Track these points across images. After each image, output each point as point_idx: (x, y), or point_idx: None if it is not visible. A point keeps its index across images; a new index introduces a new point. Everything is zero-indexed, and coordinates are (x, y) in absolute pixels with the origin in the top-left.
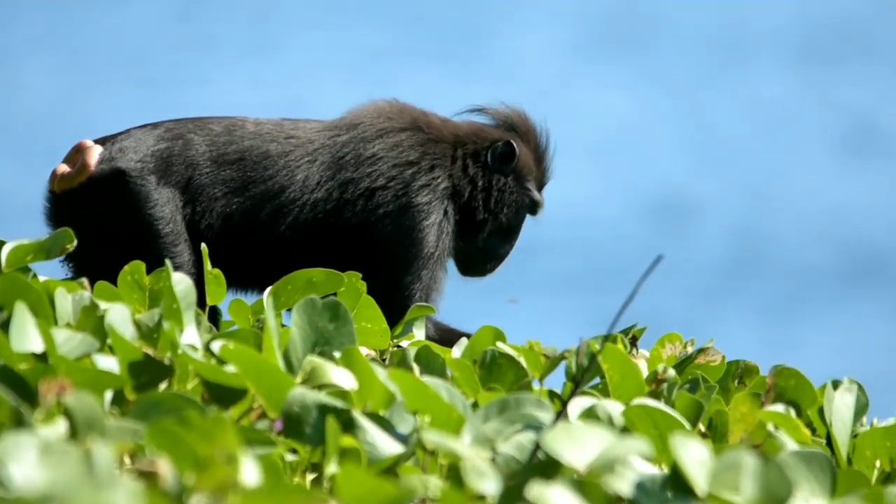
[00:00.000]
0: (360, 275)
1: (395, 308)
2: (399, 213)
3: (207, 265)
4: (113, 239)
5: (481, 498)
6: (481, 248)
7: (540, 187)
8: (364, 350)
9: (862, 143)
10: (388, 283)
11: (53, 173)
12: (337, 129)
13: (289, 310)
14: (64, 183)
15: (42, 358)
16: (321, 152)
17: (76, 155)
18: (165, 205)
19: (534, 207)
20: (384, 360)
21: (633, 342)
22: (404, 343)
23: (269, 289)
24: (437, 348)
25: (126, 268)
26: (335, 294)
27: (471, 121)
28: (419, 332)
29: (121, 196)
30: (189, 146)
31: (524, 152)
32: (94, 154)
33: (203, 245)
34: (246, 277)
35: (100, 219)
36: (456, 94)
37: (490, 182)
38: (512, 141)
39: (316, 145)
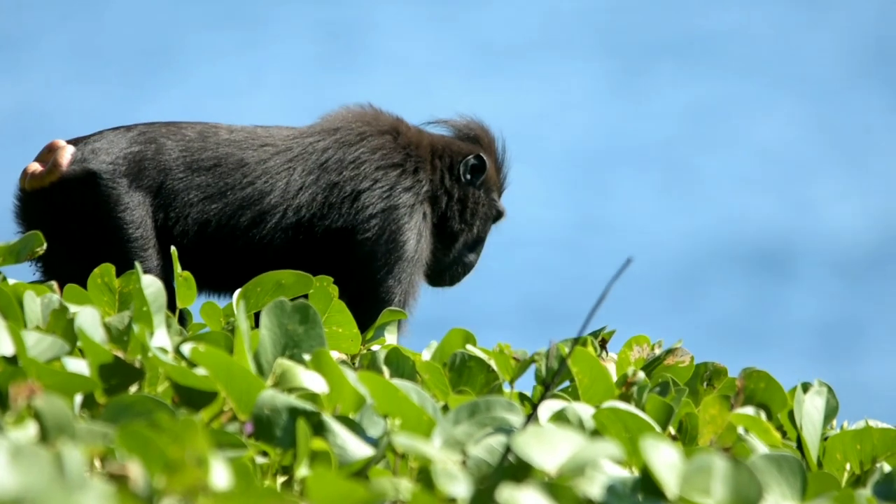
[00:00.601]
0: (332, 279)
1: (376, 310)
2: (384, 215)
3: (177, 268)
4: (82, 240)
5: (452, 501)
6: (453, 259)
7: (499, 196)
8: (335, 353)
9: None
10: (368, 285)
11: (24, 171)
12: (315, 136)
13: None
14: (35, 182)
15: (12, 361)
16: (300, 159)
17: (48, 154)
18: (136, 208)
19: (498, 217)
20: (354, 364)
21: (603, 345)
22: (375, 347)
23: (238, 291)
24: (407, 351)
25: (96, 270)
26: (306, 296)
27: (435, 132)
28: (391, 337)
29: (91, 198)
30: (162, 150)
31: (489, 164)
32: (66, 154)
33: (173, 248)
34: (221, 282)
35: (69, 219)
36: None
37: (466, 194)
38: (482, 154)
39: (294, 152)
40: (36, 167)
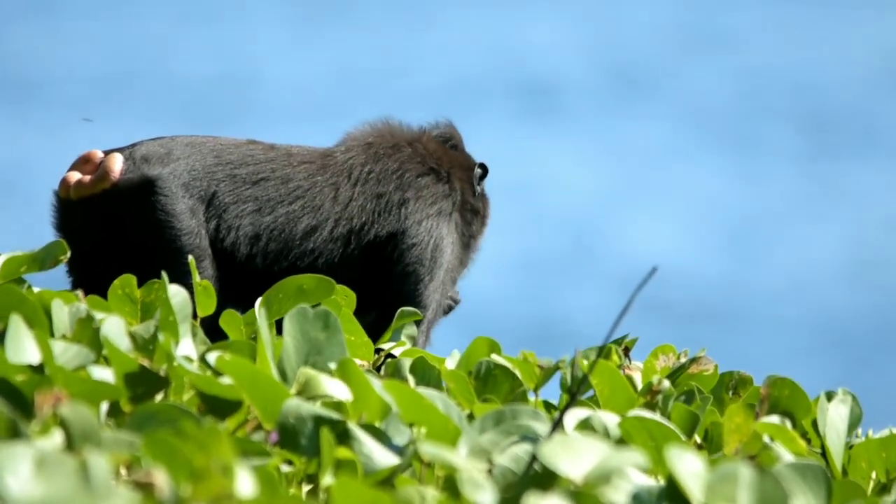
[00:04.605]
0: (344, 287)
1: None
2: (429, 222)
3: (196, 276)
4: (132, 248)
5: None
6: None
7: None
8: (358, 361)
9: None
10: (412, 290)
11: (64, 181)
12: (350, 152)
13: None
14: (83, 190)
15: (38, 369)
16: (344, 174)
17: (86, 164)
18: (191, 218)
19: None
20: (378, 371)
21: (626, 353)
22: (396, 351)
23: (259, 299)
24: (431, 359)
25: (116, 281)
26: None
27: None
28: (407, 340)
29: (148, 205)
30: (209, 162)
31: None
32: (118, 161)
33: (190, 257)
34: None
35: (119, 228)
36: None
37: (482, 203)
38: (483, 163)
39: (336, 168)
40: (79, 176)
